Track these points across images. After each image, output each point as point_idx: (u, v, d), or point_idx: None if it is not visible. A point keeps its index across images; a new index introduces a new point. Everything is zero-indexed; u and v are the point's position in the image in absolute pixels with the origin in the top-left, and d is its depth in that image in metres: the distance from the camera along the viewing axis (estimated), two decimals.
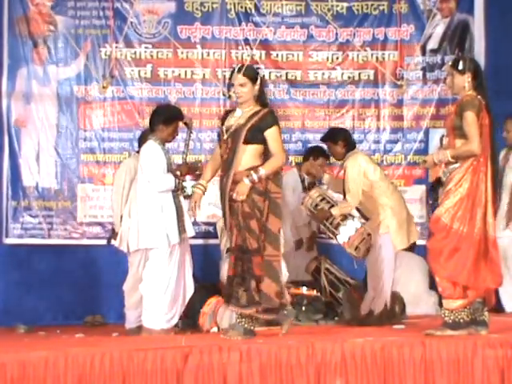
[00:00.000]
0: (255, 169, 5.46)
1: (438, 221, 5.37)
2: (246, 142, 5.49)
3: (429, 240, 5.53)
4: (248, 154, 5.51)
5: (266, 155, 5.56)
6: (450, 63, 5.65)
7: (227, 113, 5.76)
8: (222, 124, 5.66)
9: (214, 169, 5.79)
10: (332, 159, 7.36)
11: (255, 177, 5.43)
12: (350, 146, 6.87)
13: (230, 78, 5.70)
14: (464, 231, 5.29)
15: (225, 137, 5.56)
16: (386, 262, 6.64)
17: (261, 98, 5.62)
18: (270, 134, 5.52)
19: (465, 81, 5.41)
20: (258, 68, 8.31)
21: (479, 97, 5.38)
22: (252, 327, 5.56)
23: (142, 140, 6.99)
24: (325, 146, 7.31)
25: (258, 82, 5.61)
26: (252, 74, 5.64)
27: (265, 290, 5.47)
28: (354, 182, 6.62)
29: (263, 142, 5.53)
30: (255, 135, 5.50)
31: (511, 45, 8.11)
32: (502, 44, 8.15)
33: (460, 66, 5.42)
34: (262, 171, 5.45)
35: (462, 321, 5.31)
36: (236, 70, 5.67)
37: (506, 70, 8.06)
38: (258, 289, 5.46)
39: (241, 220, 5.47)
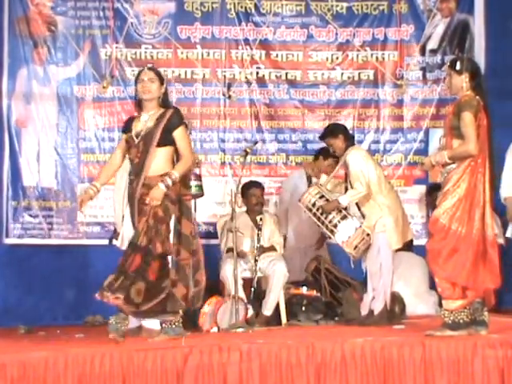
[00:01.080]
0: (169, 173, 5.46)
1: (437, 222, 5.37)
2: (159, 144, 5.51)
3: (428, 241, 5.53)
4: (160, 158, 5.51)
5: (176, 158, 5.58)
6: (448, 63, 5.65)
7: (130, 120, 5.74)
8: (125, 131, 5.66)
9: (108, 174, 5.80)
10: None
11: (170, 182, 5.43)
12: (350, 140, 6.88)
13: (136, 78, 5.72)
14: (462, 232, 5.29)
15: (136, 141, 5.54)
16: (384, 261, 6.64)
17: (164, 102, 5.66)
18: (178, 134, 5.56)
19: (463, 81, 5.41)
20: (259, 68, 8.40)
21: (477, 97, 5.38)
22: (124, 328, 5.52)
23: None
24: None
25: (165, 84, 5.67)
26: (160, 74, 5.74)
27: (176, 294, 5.49)
28: (361, 171, 6.61)
29: (173, 143, 5.55)
30: (166, 137, 5.52)
31: (511, 45, 8.11)
32: (502, 44, 8.14)
33: (458, 67, 5.41)
34: (176, 174, 5.46)
35: (461, 321, 5.31)
36: (145, 68, 5.76)
37: (505, 69, 8.06)
38: (147, 292, 5.40)
39: (151, 222, 5.43)
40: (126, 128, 5.69)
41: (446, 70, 5.65)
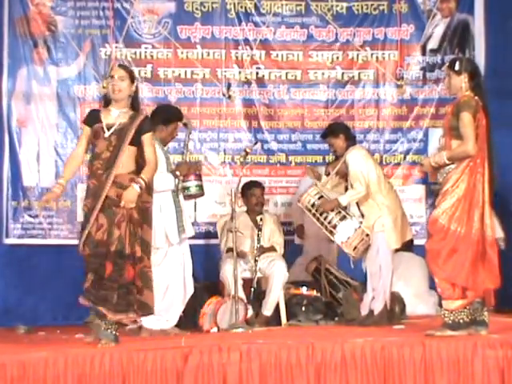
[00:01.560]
0: (140, 176, 5.39)
1: (436, 222, 5.36)
2: (131, 142, 5.43)
3: (427, 241, 5.53)
4: (129, 156, 5.43)
5: (137, 161, 5.50)
6: (447, 64, 5.64)
7: (96, 111, 5.56)
8: (91, 123, 5.45)
9: (73, 170, 5.58)
10: None
11: (143, 183, 5.37)
12: (351, 139, 6.88)
13: (110, 73, 5.60)
14: (462, 232, 5.29)
15: (106, 134, 5.39)
16: (384, 261, 6.63)
17: (135, 102, 5.58)
18: (148, 139, 5.48)
19: (461, 81, 5.41)
20: (259, 68, 8.40)
21: (476, 97, 5.38)
22: (117, 333, 5.40)
23: None
24: None
25: (135, 83, 5.60)
26: (131, 72, 5.66)
27: (145, 300, 5.48)
28: (360, 171, 6.61)
29: (140, 145, 5.47)
30: (137, 137, 5.45)
31: (511, 45, 8.11)
32: (502, 44, 8.14)
33: (457, 67, 5.41)
34: (145, 178, 5.39)
35: (461, 321, 5.31)
36: (116, 65, 5.70)
37: (505, 70, 8.06)
38: (135, 297, 5.39)
39: (131, 227, 5.36)
40: (93, 119, 5.48)
41: (445, 70, 5.64)
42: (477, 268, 5.29)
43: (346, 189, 6.80)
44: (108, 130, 5.42)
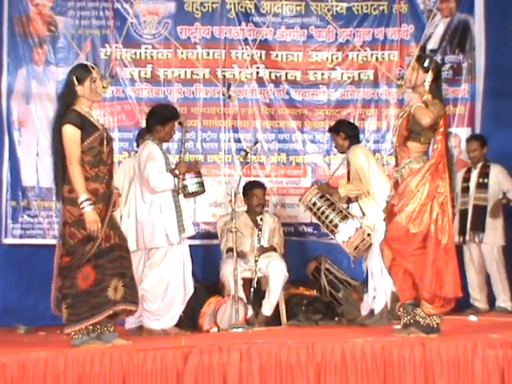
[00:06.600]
0: None
1: (399, 226, 5.27)
2: None
3: (385, 241, 5.45)
4: None
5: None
6: (415, 56, 5.56)
7: (76, 112, 5.25)
8: (85, 127, 5.22)
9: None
10: None
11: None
12: (353, 139, 6.88)
13: (86, 76, 5.37)
14: (424, 234, 5.21)
15: (105, 139, 5.28)
16: None
17: None
18: None
19: (426, 79, 5.36)
20: (258, 68, 8.40)
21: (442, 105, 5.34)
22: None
23: (138, 139, 7.01)
24: None
25: None
26: None
27: None
28: (361, 168, 6.62)
29: None
30: None
31: (511, 45, 8.11)
32: (502, 44, 8.15)
33: (426, 64, 5.34)
34: None
35: (436, 325, 5.30)
36: (91, 65, 5.46)
37: (505, 69, 8.06)
38: None
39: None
40: (86, 123, 5.25)
41: (411, 62, 5.52)
42: (433, 269, 5.21)
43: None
44: (106, 135, 5.32)
